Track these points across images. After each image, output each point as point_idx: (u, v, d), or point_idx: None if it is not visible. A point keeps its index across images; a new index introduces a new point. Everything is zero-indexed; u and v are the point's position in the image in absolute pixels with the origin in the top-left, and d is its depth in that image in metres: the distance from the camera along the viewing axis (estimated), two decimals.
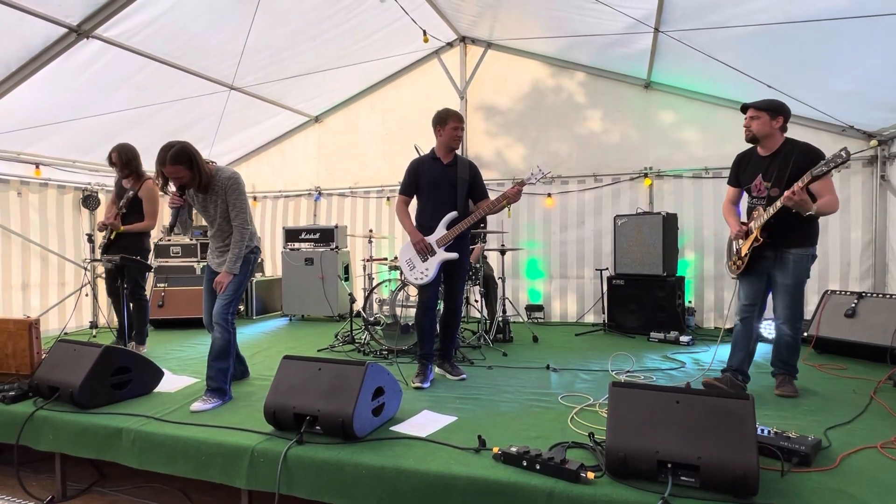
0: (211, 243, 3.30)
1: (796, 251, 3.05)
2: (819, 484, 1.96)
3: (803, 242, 3.06)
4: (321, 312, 6.36)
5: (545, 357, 4.24)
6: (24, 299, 5.51)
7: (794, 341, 3.16)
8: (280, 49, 5.31)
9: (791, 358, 3.20)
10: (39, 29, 3.94)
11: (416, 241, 3.52)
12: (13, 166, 5.38)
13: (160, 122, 5.73)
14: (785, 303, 3.11)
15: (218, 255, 3.25)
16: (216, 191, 3.11)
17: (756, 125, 3.10)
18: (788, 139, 3.11)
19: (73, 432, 2.72)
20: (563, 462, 2.00)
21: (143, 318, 4.53)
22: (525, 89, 6.36)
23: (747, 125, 3.14)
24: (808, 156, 2.97)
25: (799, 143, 3.07)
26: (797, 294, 3.10)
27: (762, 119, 3.07)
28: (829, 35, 3.79)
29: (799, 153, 3.00)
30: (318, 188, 7.29)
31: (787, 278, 3.07)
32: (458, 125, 3.54)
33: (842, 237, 5.19)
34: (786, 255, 3.06)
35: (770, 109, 3.07)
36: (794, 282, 3.07)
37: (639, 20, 4.49)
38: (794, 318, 3.12)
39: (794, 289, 3.08)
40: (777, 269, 3.11)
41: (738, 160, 3.35)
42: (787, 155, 3.03)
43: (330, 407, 2.38)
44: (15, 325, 3.38)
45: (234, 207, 3.12)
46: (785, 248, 3.06)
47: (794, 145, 3.07)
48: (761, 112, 3.08)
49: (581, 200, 6.16)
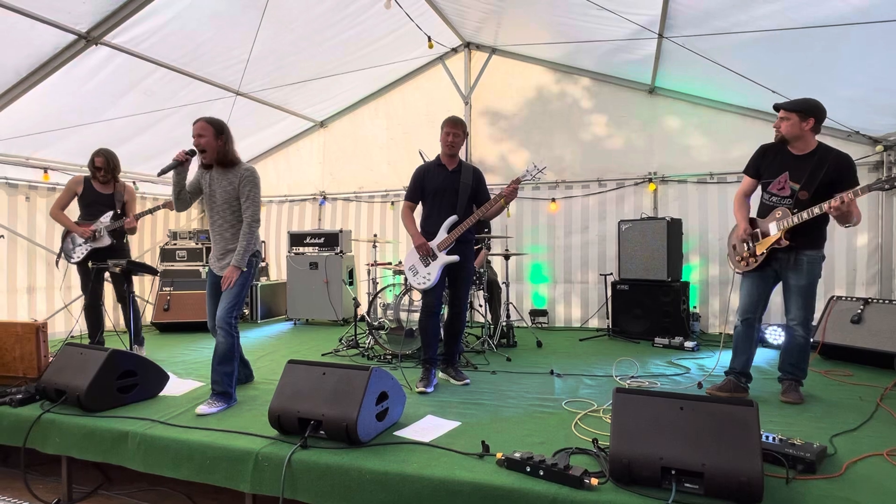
0: (213, 244, 3.27)
1: (811, 253, 3.04)
2: (824, 492, 1.94)
3: (817, 244, 3.06)
4: (326, 317, 6.37)
5: (549, 362, 4.24)
6: (30, 302, 5.56)
7: (807, 343, 3.14)
8: (286, 55, 5.36)
9: (801, 361, 3.17)
10: (50, 36, 4.00)
11: (418, 244, 3.53)
12: (22, 171, 5.44)
13: (167, 128, 5.78)
14: (799, 304, 3.09)
15: (219, 257, 3.22)
16: (230, 178, 3.11)
17: (785, 126, 3.05)
18: (821, 144, 3.07)
19: (79, 435, 2.73)
20: (567, 468, 1.99)
21: (140, 319, 4.59)
22: (529, 94, 6.38)
23: (777, 125, 3.10)
24: (842, 164, 2.96)
25: (833, 150, 3.04)
26: (811, 295, 3.09)
27: (792, 121, 3.03)
28: (833, 41, 3.80)
29: (833, 160, 2.97)
30: (323, 193, 7.32)
31: (802, 279, 3.06)
32: (449, 130, 3.54)
33: (848, 243, 5.17)
34: (800, 257, 3.05)
35: (800, 111, 3.01)
36: (807, 282, 3.06)
37: (643, 26, 4.50)
38: (808, 320, 3.11)
39: (808, 289, 3.07)
40: (791, 271, 3.09)
41: (763, 151, 3.25)
42: (822, 160, 2.99)
43: (334, 411, 2.38)
44: (23, 328, 3.41)
45: (247, 199, 3.11)
46: (800, 250, 3.04)
47: (828, 151, 3.02)
48: (791, 113, 3.03)
49: (585, 205, 6.17)
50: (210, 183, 3.17)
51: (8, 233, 5.33)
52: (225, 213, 3.16)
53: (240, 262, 3.11)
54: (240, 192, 3.11)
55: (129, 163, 6.27)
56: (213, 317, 3.22)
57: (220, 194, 3.13)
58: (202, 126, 3.04)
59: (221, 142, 3.08)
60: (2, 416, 2.93)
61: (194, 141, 3.04)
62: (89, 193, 4.41)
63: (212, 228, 3.24)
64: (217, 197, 3.15)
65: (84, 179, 4.43)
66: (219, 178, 3.14)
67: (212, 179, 3.17)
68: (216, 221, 3.20)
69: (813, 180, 2.98)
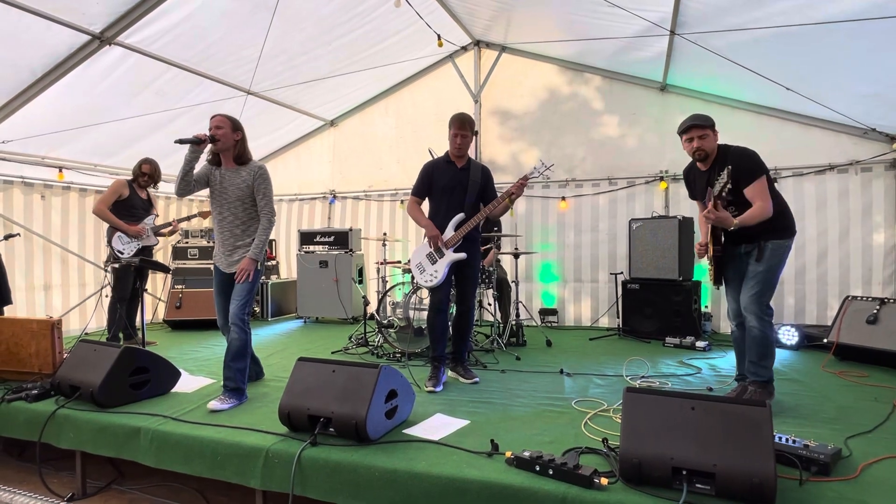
0: (218, 242, 3.25)
1: (775, 242, 2.93)
2: (839, 494, 1.92)
3: (782, 235, 2.94)
4: (335, 315, 6.40)
5: (559, 361, 4.22)
6: (46, 300, 5.64)
7: (765, 338, 2.90)
8: (296, 54, 5.38)
9: (762, 358, 2.92)
10: (65, 37, 4.05)
11: (431, 235, 3.50)
12: (38, 170, 5.52)
13: (179, 127, 5.83)
14: (752, 292, 2.90)
15: (228, 254, 3.21)
16: (243, 176, 3.16)
17: (708, 143, 2.96)
18: (720, 145, 3.00)
19: (92, 431, 2.77)
20: (577, 467, 1.98)
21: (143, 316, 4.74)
22: (540, 93, 6.35)
23: (698, 146, 2.96)
24: (738, 162, 2.87)
25: (731, 150, 2.97)
26: (767, 282, 2.90)
27: (710, 136, 2.96)
28: (848, 37, 3.74)
29: (731, 161, 2.86)
30: (333, 191, 7.35)
31: (760, 265, 2.90)
32: (457, 132, 3.49)
33: (864, 242, 5.09)
34: (764, 245, 2.92)
35: (711, 125, 2.97)
36: (765, 268, 2.90)
37: (655, 23, 4.46)
38: (761, 310, 2.89)
39: (764, 275, 2.89)
40: (752, 258, 2.96)
41: (685, 176, 3.27)
42: (722, 165, 2.85)
43: (344, 409, 2.39)
44: (38, 325, 3.46)
45: (263, 196, 3.18)
46: (763, 241, 2.93)
47: (726, 153, 2.96)
48: (707, 130, 2.96)
49: (595, 204, 6.13)
50: (221, 180, 3.18)
51: (24, 231, 5.42)
52: (237, 209, 3.18)
53: (257, 255, 3.14)
54: (255, 189, 3.16)
55: None
56: (222, 314, 3.26)
57: (233, 191, 3.16)
58: (221, 119, 3.12)
59: (238, 137, 3.16)
60: (18, 411, 2.99)
61: (211, 132, 3.10)
62: (134, 197, 4.74)
63: (220, 225, 3.23)
64: (230, 193, 3.17)
65: (128, 183, 4.73)
66: (231, 175, 3.17)
67: (222, 176, 3.18)
68: (226, 218, 3.20)
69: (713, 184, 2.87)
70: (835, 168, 5.17)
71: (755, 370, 2.98)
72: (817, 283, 5.26)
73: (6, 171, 5.27)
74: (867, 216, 5.06)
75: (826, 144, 5.20)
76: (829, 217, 5.18)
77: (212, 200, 3.25)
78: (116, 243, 4.64)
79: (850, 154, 5.12)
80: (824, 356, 4.21)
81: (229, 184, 3.17)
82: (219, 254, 3.27)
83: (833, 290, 5.19)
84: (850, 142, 5.11)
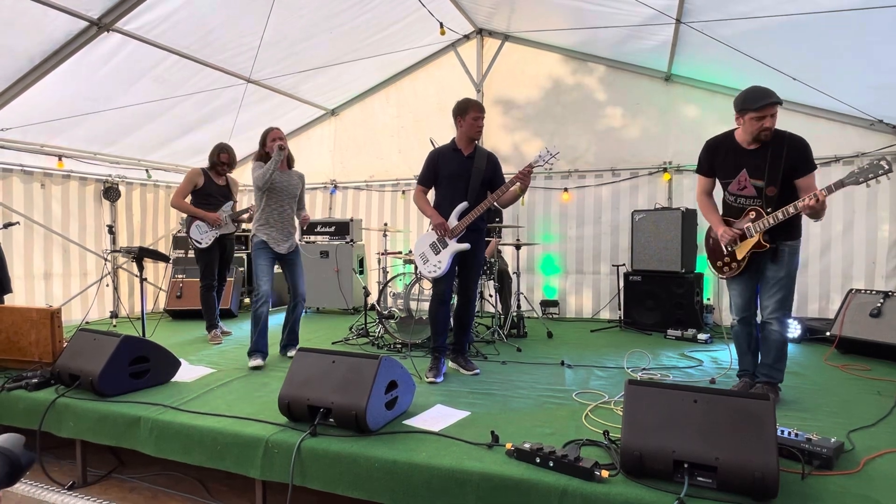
0: (276, 229, 3.89)
1: (790, 243, 2.88)
2: (841, 488, 1.91)
3: (794, 234, 2.89)
4: (336, 305, 6.39)
5: (560, 353, 4.21)
6: (46, 288, 5.64)
7: (785, 342, 2.92)
8: (296, 42, 5.32)
9: (778, 361, 2.94)
10: (62, 23, 3.99)
11: (437, 223, 3.47)
12: (37, 158, 5.48)
13: (179, 115, 5.79)
14: (777, 297, 2.88)
15: (285, 238, 3.94)
16: (294, 179, 4.02)
17: (773, 122, 2.74)
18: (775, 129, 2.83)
19: (92, 419, 2.77)
20: (578, 460, 1.98)
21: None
22: (543, 82, 6.28)
23: (766, 125, 2.73)
24: (798, 150, 2.75)
25: (785, 134, 2.79)
26: (789, 288, 2.88)
27: (775, 114, 2.77)
28: (857, 26, 3.67)
29: (790, 148, 2.75)
30: (334, 181, 7.32)
31: (781, 270, 2.87)
32: (479, 115, 3.46)
33: (868, 235, 5.05)
34: (781, 248, 2.87)
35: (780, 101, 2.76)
36: (786, 273, 2.87)
37: (660, 11, 4.40)
38: (786, 315, 2.90)
39: (786, 281, 2.87)
40: (770, 262, 2.90)
41: (712, 148, 3.02)
42: (777, 150, 2.75)
43: (344, 400, 2.38)
44: (38, 313, 3.45)
45: (304, 196, 4.15)
46: (780, 242, 2.87)
47: (780, 137, 2.78)
48: (777, 106, 2.76)
49: (598, 195, 6.09)
50: (281, 180, 3.92)
51: (24, 220, 5.40)
52: (292, 203, 4.02)
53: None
54: (302, 190, 4.10)
55: (141, 150, 6.32)
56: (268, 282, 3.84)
57: (291, 190, 3.97)
58: (280, 132, 3.93)
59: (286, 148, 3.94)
60: (18, 400, 2.99)
61: (279, 143, 3.78)
62: (210, 185, 4.73)
63: (279, 215, 3.92)
64: (289, 191, 3.96)
65: (203, 172, 4.73)
66: (286, 177, 3.96)
67: (282, 177, 3.93)
68: (286, 210, 3.97)
69: (775, 174, 2.77)
70: (840, 160, 5.11)
71: (769, 372, 2.97)
72: (820, 276, 5.23)
73: (5, 160, 5.23)
74: (872, 209, 5.01)
75: (832, 136, 5.14)
76: (833, 210, 5.13)
77: (272, 196, 3.88)
78: (194, 232, 4.64)
79: (857, 146, 5.07)
80: (827, 349, 4.20)
81: (287, 184, 3.95)
82: (277, 238, 3.90)
83: (836, 284, 5.16)
84: (856, 133, 5.06)
